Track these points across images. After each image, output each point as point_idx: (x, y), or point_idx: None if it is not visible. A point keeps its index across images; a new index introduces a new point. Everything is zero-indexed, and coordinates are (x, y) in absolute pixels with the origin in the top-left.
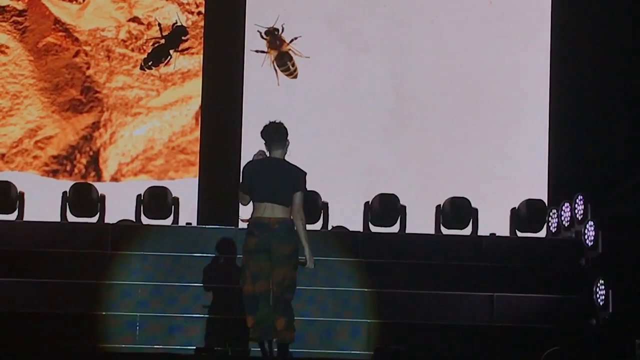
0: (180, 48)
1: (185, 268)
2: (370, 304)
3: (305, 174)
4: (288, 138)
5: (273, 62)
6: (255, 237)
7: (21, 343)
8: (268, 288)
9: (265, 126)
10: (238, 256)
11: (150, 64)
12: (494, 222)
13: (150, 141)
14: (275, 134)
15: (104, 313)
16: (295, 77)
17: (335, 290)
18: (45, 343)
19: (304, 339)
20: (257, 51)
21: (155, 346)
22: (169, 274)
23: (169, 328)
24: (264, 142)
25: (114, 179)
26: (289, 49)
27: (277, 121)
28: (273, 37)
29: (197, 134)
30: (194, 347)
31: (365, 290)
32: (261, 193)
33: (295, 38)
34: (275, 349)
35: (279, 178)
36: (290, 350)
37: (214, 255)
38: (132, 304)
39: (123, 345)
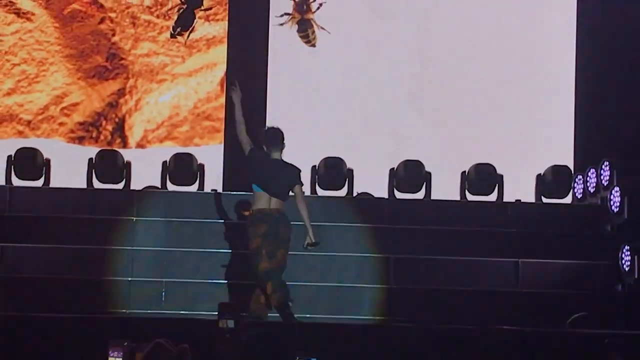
0: (204, 7)
1: (211, 234)
2: (395, 270)
3: (300, 170)
4: (284, 142)
5: (294, 26)
6: (265, 224)
7: (47, 309)
8: (278, 264)
9: (265, 131)
10: None
11: (179, 30)
12: (519, 188)
13: (175, 108)
14: (275, 138)
15: (129, 279)
16: (314, 45)
17: (361, 256)
18: (71, 309)
19: (330, 304)
20: (282, 15)
21: (181, 312)
22: (194, 240)
23: (194, 294)
24: (264, 145)
25: (140, 145)
26: (313, 18)
27: (275, 127)
28: (302, 1)
29: (222, 100)
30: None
31: (390, 256)
32: (262, 188)
33: (320, 5)
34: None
35: (277, 177)
36: (316, 315)
37: (239, 221)
38: (157, 270)
39: (149, 311)
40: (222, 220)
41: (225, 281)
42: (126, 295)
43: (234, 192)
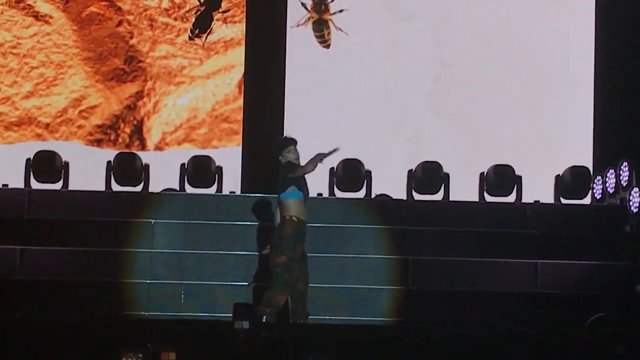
0: (222, 9)
1: (229, 236)
2: (414, 272)
3: (283, 166)
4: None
5: (311, 25)
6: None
7: (66, 310)
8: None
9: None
10: None
11: (197, 32)
12: (538, 189)
13: (193, 110)
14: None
15: (148, 281)
16: (328, 46)
17: (379, 258)
18: (90, 311)
19: (348, 306)
20: (301, 3)
21: (200, 314)
22: (212, 242)
23: (213, 296)
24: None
25: (158, 148)
26: (330, 19)
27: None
28: (320, 1)
29: (240, 102)
30: None
31: (409, 258)
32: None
33: (341, 11)
34: None
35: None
36: (334, 317)
37: (257, 223)
38: (176, 272)
39: (168, 313)
40: (241, 222)
41: (244, 283)
42: (145, 298)
43: (252, 194)
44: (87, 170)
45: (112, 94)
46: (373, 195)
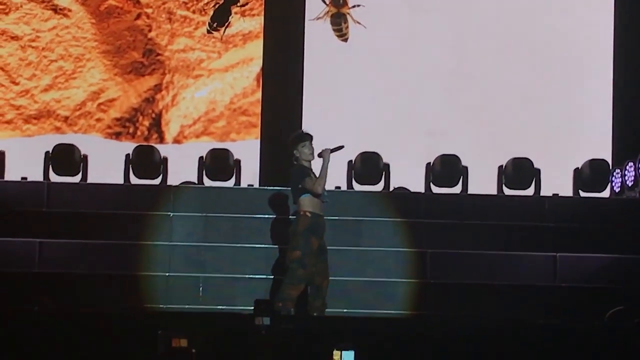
0: (240, 2)
1: (247, 230)
2: (432, 265)
3: (294, 170)
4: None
5: (329, 18)
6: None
7: (84, 304)
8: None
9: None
10: None
11: (215, 25)
12: (556, 182)
13: (211, 103)
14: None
15: (167, 274)
16: (346, 40)
17: (397, 251)
18: (108, 304)
19: (366, 299)
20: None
21: (218, 307)
22: (230, 235)
23: (231, 289)
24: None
25: (176, 141)
26: (349, 13)
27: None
28: None
29: (259, 95)
30: None
31: (428, 251)
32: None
33: (358, 6)
34: None
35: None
36: (352, 309)
37: (275, 216)
38: (194, 265)
39: (186, 306)
40: (259, 215)
41: (263, 276)
42: (164, 291)
43: (270, 187)
44: (106, 164)
45: (130, 87)
46: (391, 188)
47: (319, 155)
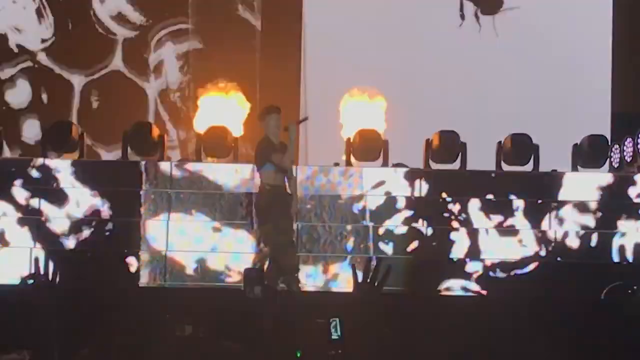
0: None
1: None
2: (432, 240)
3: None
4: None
5: None
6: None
7: (82, 281)
8: None
9: None
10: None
11: None
12: (555, 158)
13: None
14: None
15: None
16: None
17: (394, 226)
18: (106, 281)
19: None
20: None
21: (215, 284)
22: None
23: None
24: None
25: None
26: None
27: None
28: None
29: None
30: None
31: (428, 227)
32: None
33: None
34: None
35: None
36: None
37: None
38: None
39: (186, 283)
40: None
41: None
42: (161, 268)
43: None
44: None
45: None
46: (390, 165)
47: (285, 129)
